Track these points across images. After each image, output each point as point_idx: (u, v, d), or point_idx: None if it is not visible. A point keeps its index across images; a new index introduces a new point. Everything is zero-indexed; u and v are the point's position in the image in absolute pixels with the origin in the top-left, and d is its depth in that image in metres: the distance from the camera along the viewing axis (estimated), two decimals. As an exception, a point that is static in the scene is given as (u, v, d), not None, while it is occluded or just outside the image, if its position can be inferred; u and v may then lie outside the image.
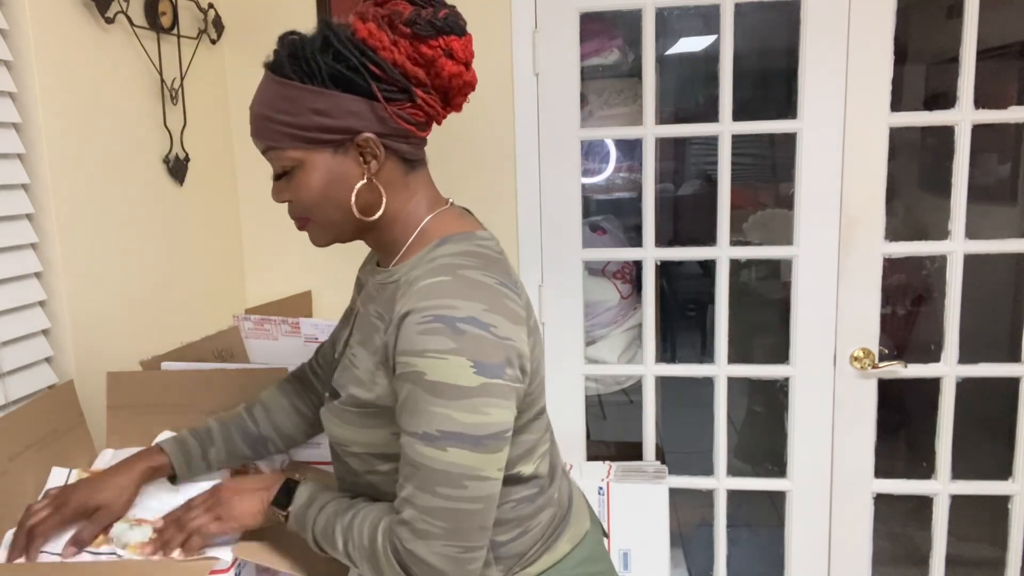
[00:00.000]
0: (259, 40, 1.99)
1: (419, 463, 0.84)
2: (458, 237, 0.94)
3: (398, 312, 0.87)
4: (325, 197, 0.92)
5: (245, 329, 1.67)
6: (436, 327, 0.82)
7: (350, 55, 0.87)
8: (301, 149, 0.90)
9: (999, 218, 3.24)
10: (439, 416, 0.82)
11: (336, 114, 0.88)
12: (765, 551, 2.68)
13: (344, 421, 0.95)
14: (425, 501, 0.84)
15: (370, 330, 0.95)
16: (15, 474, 1.17)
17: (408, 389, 0.84)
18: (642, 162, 1.91)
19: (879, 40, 1.78)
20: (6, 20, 1.32)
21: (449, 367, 0.82)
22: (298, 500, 0.98)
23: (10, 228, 1.32)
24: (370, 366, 0.92)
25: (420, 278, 0.88)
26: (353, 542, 0.90)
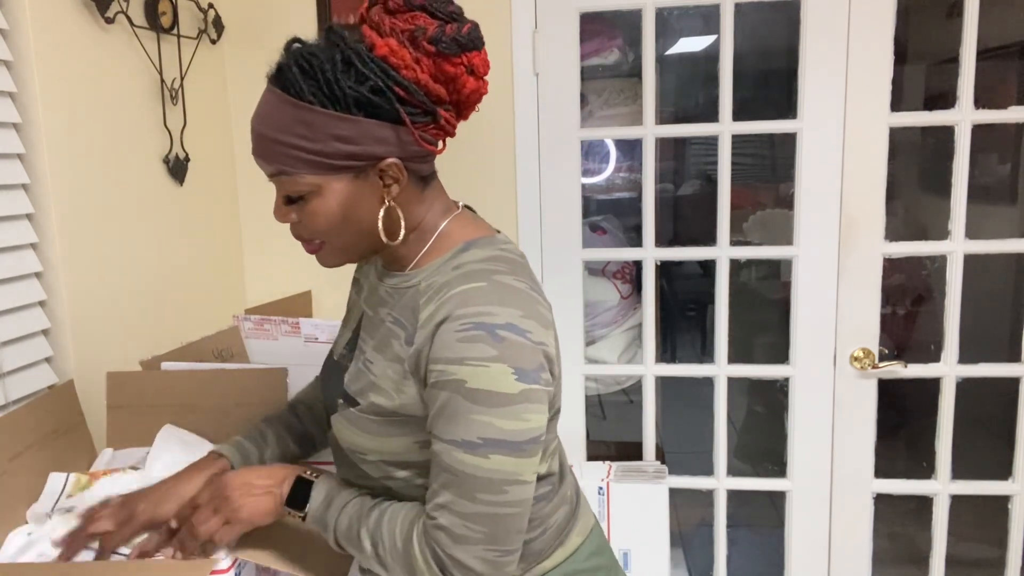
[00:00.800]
0: (259, 40, 1.99)
1: (459, 470, 0.83)
2: (482, 242, 0.92)
3: (430, 319, 0.85)
4: (344, 222, 0.88)
5: (245, 329, 1.67)
6: (477, 334, 0.81)
7: (375, 77, 0.82)
8: (317, 175, 0.85)
9: (999, 218, 3.24)
10: (481, 423, 0.81)
11: (361, 141, 0.84)
12: (765, 551, 2.68)
13: (362, 429, 0.92)
14: (465, 508, 0.83)
15: (386, 335, 0.93)
16: (15, 474, 1.17)
17: (446, 397, 0.83)
18: (642, 162, 1.91)
19: (879, 40, 1.78)
20: (6, 20, 1.32)
21: (491, 375, 0.81)
22: (315, 501, 0.95)
23: (10, 228, 1.32)
24: (392, 374, 0.90)
25: (451, 284, 0.86)
26: (383, 545, 0.88)
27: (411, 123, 0.84)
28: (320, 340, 1.65)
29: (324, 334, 1.65)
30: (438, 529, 0.85)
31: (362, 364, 0.95)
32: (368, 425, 0.92)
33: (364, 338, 0.97)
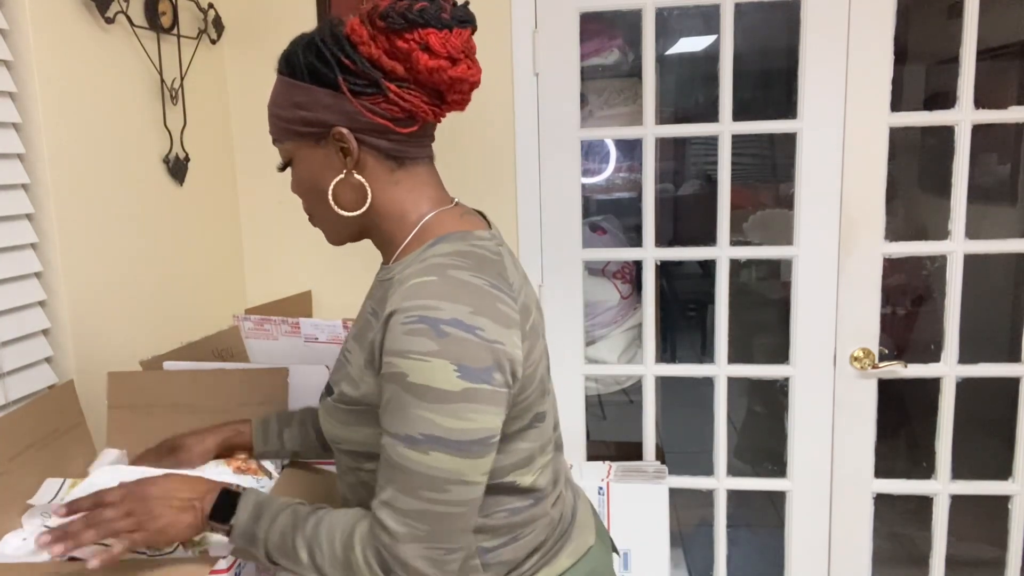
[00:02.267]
0: (259, 40, 1.99)
1: (402, 465, 0.82)
2: (454, 236, 0.92)
3: (386, 311, 0.85)
4: (313, 190, 0.94)
5: (245, 329, 1.67)
6: (419, 328, 0.80)
7: (325, 49, 0.88)
8: (292, 142, 0.93)
9: (999, 218, 3.24)
10: (422, 419, 0.81)
11: (311, 107, 0.89)
12: (765, 551, 2.68)
13: (335, 418, 0.94)
14: (407, 504, 0.82)
15: (364, 326, 0.94)
16: (15, 474, 1.17)
17: (392, 390, 0.83)
18: (642, 162, 1.91)
19: (879, 40, 1.78)
20: (6, 20, 1.32)
21: (432, 370, 0.80)
22: (242, 514, 0.91)
23: (10, 228, 1.32)
24: (361, 363, 0.91)
25: (410, 277, 0.86)
26: (322, 553, 0.86)
27: (350, 92, 0.88)
28: (320, 340, 1.65)
29: (324, 334, 1.65)
30: (382, 528, 0.83)
31: (343, 355, 0.97)
32: (339, 414, 0.93)
33: (352, 330, 0.99)
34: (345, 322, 1.63)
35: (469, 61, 0.88)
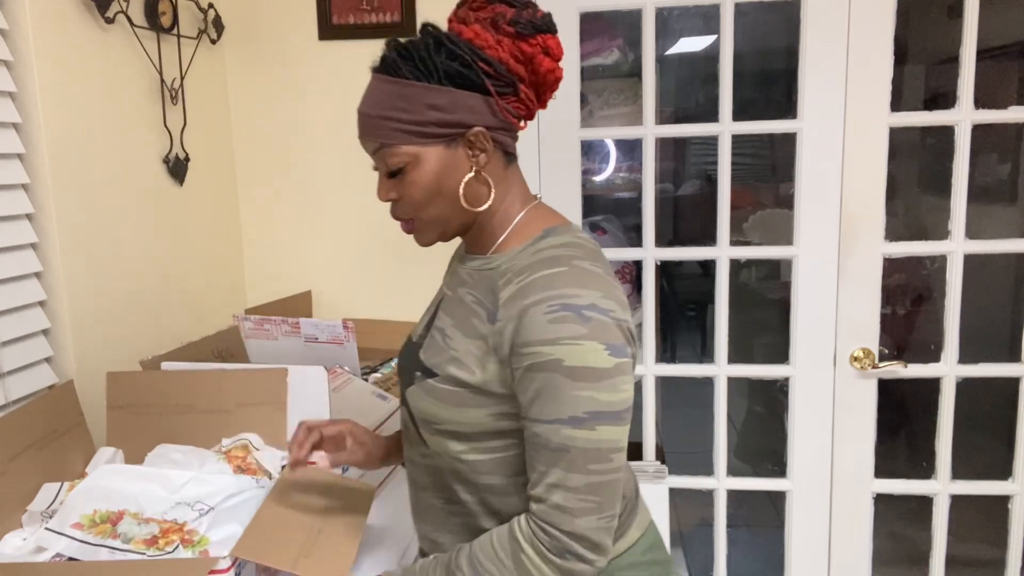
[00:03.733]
0: (259, 40, 1.99)
1: (567, 446, 0.87)
2: (560, 230, 0.99)
3: (512, 300, 0.90)
4: (437, 191, 0.96)
5: (245, 329, 1.67)
6: (565, 315, 0.86)
7: (462, 53, 0.92)
8: (416, 144, 0.94)
9: (999, 218, 3.24)
10: (584, 398, 0.86)
11: (452, 109, 0.92)
12: (765, 551, 2.68)
13: (438, 399, 0.96)
14: (578, 481, 0.87)
15: (466, 314, 0.98)
16: (15, 474, 1.17)
17: (544, 378, 0.87)
18: (642, 162, 1.91)
19: (879, 40, 1.78)
20: (6, 20, 1.32)
21: (585, 352, 0.86)
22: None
23: (10, 228, 1.32)
24: (474, 350, 0.94)
25: (532, 268, 0.92)
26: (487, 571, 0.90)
27: (496, 93, 0.94)
28: (320, 340, 1.65)
29: (324, 334, 1.64)
30: (555, 509, 0.87)
31: (440, 340, 1.00)
32: (443, 394, 0.96)
33: (442, 316, 1.02)
34: (345, 322, 1.63)
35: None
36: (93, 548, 1.06)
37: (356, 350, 1.65)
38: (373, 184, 2.02)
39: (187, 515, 1.12)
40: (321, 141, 2.02)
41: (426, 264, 2.03)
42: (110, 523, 1.10)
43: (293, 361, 1.60)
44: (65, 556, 1.06)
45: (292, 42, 1.98)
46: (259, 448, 1.30)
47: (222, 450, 1.29)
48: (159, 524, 1.09)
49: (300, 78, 2.00)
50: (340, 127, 2.01)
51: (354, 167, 2.03)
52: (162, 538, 1.08)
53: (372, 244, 2.06)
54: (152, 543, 1.06)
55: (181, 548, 1.06)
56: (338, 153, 2.03)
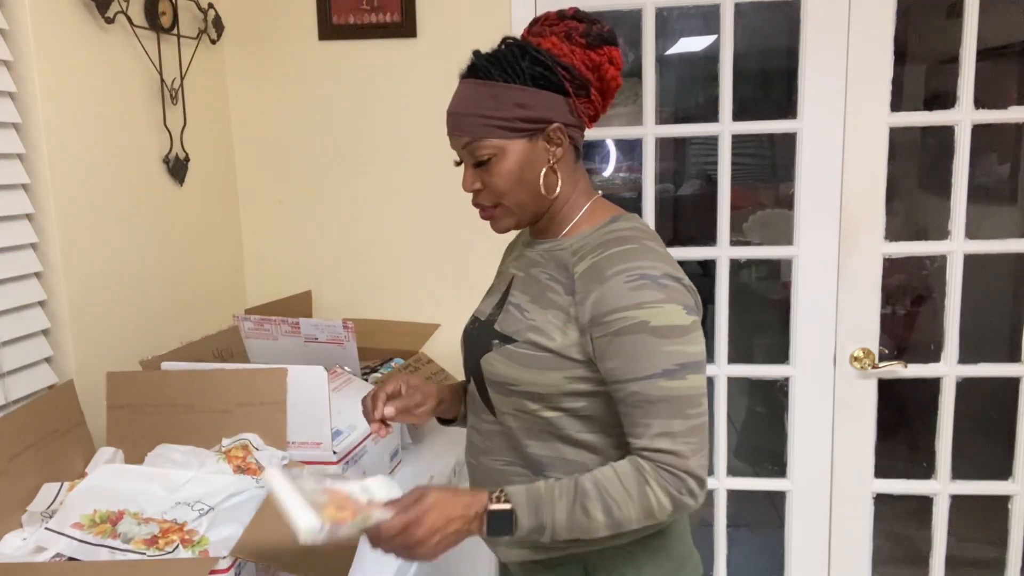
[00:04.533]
0: (259, 40, 1.99)
1: (666, 396, 0.98)
2: (625, 216, 1.12)
3: (589, 272, 1.02)
4: (520, 180, 1.07)
5: (245, 329, 1.67)
6: (644, 283, 0.99)
7: (544, 59, 1.05)
8: (503, 138, 1.05)
9: (999, 218, 3.24)
10: (674, 352, 0.98)
11: (536, 107, 1.05)
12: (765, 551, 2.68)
13: (517, 362, 1.06)
14: (681, 426, 0.98)
15: (541, 289, 1.09)
16: (15, 474, 1.17)
17: (632, 340, 0.98)
18: (642, 162, 1.91)
19: (879, 40, 1.78)
20: (6, 20, 1.32)
21: (667, 313, 0.98)
22: (524, 522, 0.98)
23: (10, 228, 1.32)
24: (553, 319, 1.05)
25: (607, 245, 1.04)
26: (619, 505, 0.97)
27: (574, 94, 1.07)
28: (320, 340, 1.65)
29: (324, 334, 1.64)
30: (667, 454, 0.97)
31: (518, 312, 1.10)
32: (524, 359, 1.06)
33: (516, 294, 1.13)
34: (345, 322, 1.63)
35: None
36: (93, 548, 1.06)
37: (356, 350, 1.65)
38: (372, 185, 2.02)
39: (187, 515, 1.12)
40: (321, 141, 2.02)
41: (426, 264, 2.03)
42: (110, 523, 1.10)
43: (293, 361, 1.60)
44: (65, 556, 1.06)
45: (292, 42, 1.98)
46: (259, 448, 1.30)
47: (222, 450, 1.29)
48: (159, 524, 1.09)
49: (300, 78, 2.00)
50: (340, 127, 2.01)
51: (354, 167, 2.03)
52: (162, 538, 1.08)
53: (372, 244, 2.05)
54: (152, 543, 1.06)
55: (181, 548, 1.06)
56: (338, 153, 2.02)
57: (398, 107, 1.98)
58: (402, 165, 2.01)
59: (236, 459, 1.26)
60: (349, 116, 2.01)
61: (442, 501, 0.96)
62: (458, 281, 2.03)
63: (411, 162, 2.00)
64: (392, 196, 2.03)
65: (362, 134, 2.01)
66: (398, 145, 2.00)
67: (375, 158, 2.02)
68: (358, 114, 2.00)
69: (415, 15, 1.92)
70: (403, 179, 2.01)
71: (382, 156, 2.01)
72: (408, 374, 1.25)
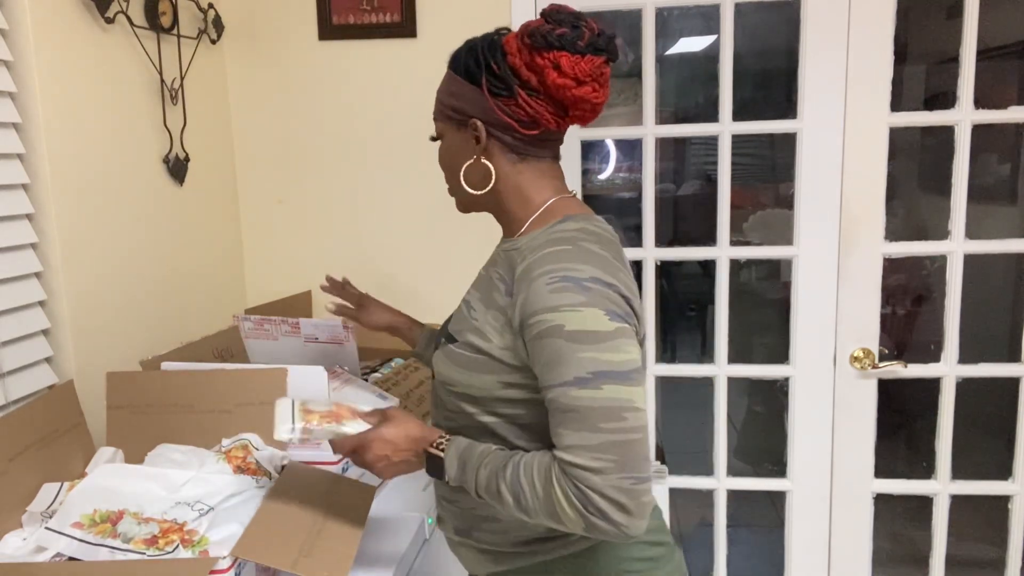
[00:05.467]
0: (259, 40, 1.99)
1: (577, 407, 0.91)
2: (579, 217, 1.06)
3: (524, 274, 0.98)
4: (449, 166, 1.12)
5: (245, 329, 1.67)
6: (565, 285, 0.94)
7: (479, 53, 1.05)
8: (442, 122, 1.11)
9: (999, 218, 3.24)
10: (587, 360, 0.91)
11: (460, 98, 1.06)
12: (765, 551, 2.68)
13: (455, 362, 1.06)
14: (591, 440, 0.90)
15: (489, 288, 1.07)
16: (15, 474, 1.17)
17: (550, 343, 0.93)
18: (642, 162, 1.91)
19: (879, 40, 1.78)
20: (6, 20, 1.32)
21: (585, 317, 0.92)
22: (450, 471, 1.03)
23: (10, 228, 1.32)
24: (492, 321, 1.03)
25: (543, 246, 1.00)
26: (525, 496, 0.96)
27: (488, 91, 1.04)
28: (320, 340, 1.65)
29: (324, 334, 1.64)
30: (573, 467, 0.91)
31: (466, 310, 1.09)
32: (461, 359, 1.05)
33: (471, 291, 1.12)
34: (345, 322, 1.63)
35: (596, 84, 1.02)
36: (93, 548, 1.06)
37: (356, 350, 1.65)
38: (372, 185, 2.03)
39: (187, 515, 1.12)
40: (321, 141, 2.02)
41: (425, 264, 2.03)
42: (110, 523, 1.10)
43: (293, 361, 1.60)
44: (65, 556, 1.06)
45: (292, 42, 1.98)
46: (259, 448, 1.30)
47: (222, 450, 1.29)
48: (159, 524, 1.09)
49: (300, 78, 2.00)
50: (340, 127, 2.01)
51: (354, 167, 2.03)
52: (162, 538, 1.08)
53: (372, 244, 2.06)
54: (152, 543, 1.06)
55: (181, 548, 1.06)
56: (338, 153, 2.03)
57: (398, 107, 1.98)
58: (402, 165, 2.01)
59: (236, 459, 1.26)
60: (349, 116, 2.01)
61: (396, 433, 1.05)
62: (458, 281, 2.03)
63: (411, 162, 2.00)
64: (392, 196, 2.03)
65: (362, 134, 2.01)
66: (398, 145, 2.00)
67: (375, 158, 2.02)
68: (358, 114, 2.00)
69: (415, 15, 1.92)
70: (403, 179, 2.01)
71: (382, 156, 2.01)
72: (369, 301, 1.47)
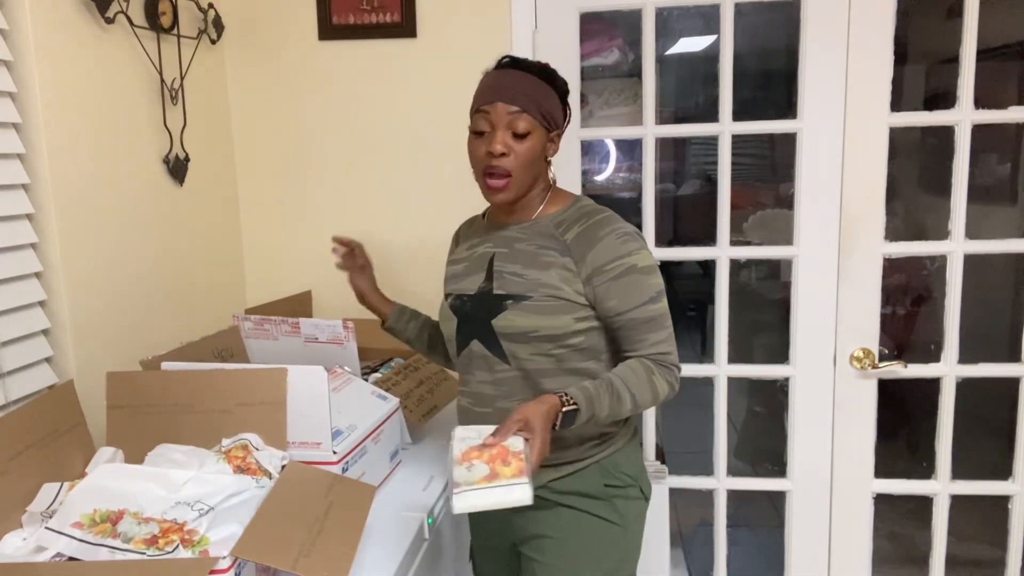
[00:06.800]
0: (259, 40, 1.99)
1: (655, 316, 1.32)
2: (584, 197, 1.44)
3: (583, 236, 1.32)
4: (532, 161, 1.33)
5: (245, 329, 1.67)
6: (629, 236, 1.33)
7: (564, 82, 1.40)
8: (540, 123, 1.33)
9: (999, 218, 3.24)
10: (654, 283, 1.32)
11: (556, 113, 1.36)
12: (765, 551, 2.68)
13: (536, 312, 1.31)
14: (667, 335, 1.33)
15: (532, 256, 1.35)
16: (15, 474, 1.17)
17: (627, 279, 1.30)
18: (642, 162, 1.91)
19: (879, 40, 1.78)
20: (6, 20, 1.32)
21: (645, 256, 1.33)
22: (583, 418, 1.24)
23: (10, 228, 1.32)
24: (554, 275, 1.32)
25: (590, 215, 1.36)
26: (639, 392, 1.28)
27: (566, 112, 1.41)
28: (320, 340, 1.65)
29: (324, 334, 1.64)
30: (666, 355, 1.32)
31: (515, 277, 1.35)
32: (543, 308, 1.31)
33: (505, 265, 1.38)
34: (345, 322, 1.63)
35: None
36: (93, 547, 1.06)
37: (356, 350, 1.65)
38: (372, 185, 2.02)
39: (187, 515, 1.12)
40: (321, 141, 2.02)
41: (425, 264, 2.03)
42: (110, 522, 1.10)
43: (293, 361, 1.60)
44: (65, 556, 1.06)
45: (292, 42, 1.98)
46: (259, 448, 1.30)
47: (222, 450, 1.29)
48: (159, 524, 1.09)
49: (300, 78, 2.00)
50: (340, 127, 2.01)
51: (354, 167, 2.03)
52: (162, 538, 1.08)
53: (372, 244, 2.05)
54: (152, 543, 1.06)
55: (181, 548, 1.06)
56: (338, 153, 2.03)
57: (398, 107, 1.98)
58: (402, 165, 2.01)
59: (236, 459, 1.26)
60: (349, 116, 2.01)
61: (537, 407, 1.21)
62: (458, 281, 2.03)
63: (411, 162, 2.00)
64: (392, 195, 2.03)
65: (362, 134, 2.01)
66: (398, 145, 2.00)
67: (375, 158, 2.02)
68: (358, 114, 2.00)
69: (415, 15, 1.92)
70: (403, 179, 2.01)
71: (382, 156, 2.01)
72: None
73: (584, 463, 1.39)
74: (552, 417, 1.22)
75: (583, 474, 1.39)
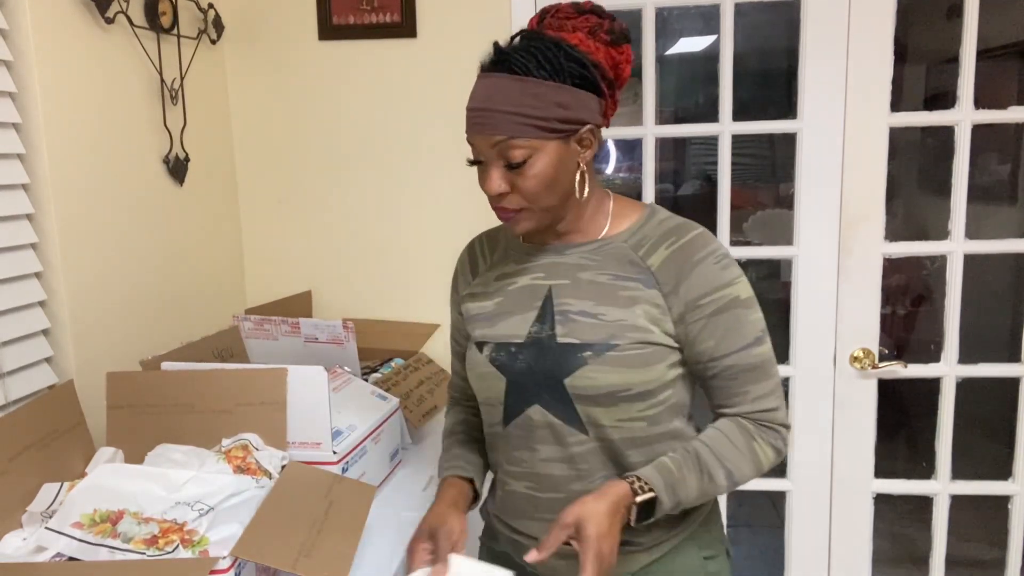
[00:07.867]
0: (259, 40, 1.99)
1: (759, 362, 1.06)
2: (655, 206, 1.15)
3: (672, 263, 1.05)
4: (552, 183, 1.02)
5: (245, 329, 1.67)
6: (728, 261, 1.07)
7: (579, 56, 1.00)
8: (539, 138, 1.00)
9: (999, 218, 3.24)
10: (757, 320, 1.06)
11: (575, 107, 1.00)
12: (765, 551, 2.68)
13: (627, 364, 1.03)
14: (774, 385, 1.07)
15: (606, 290, 1.07)
16: (15, 474, 1.17)
17: (729, 315, 1.04)
18: (642, 162, 1.91)
19: (879, 40, 1.78)
20: (6, 20, 1.32)
21: (746, 285, 1.07)
22: (667, 503, 1.01)
23: (10, 228, 1.32)
24: (640, 314, 1.04)
25: (675, 233, 1.08)
26: (735, 465, 1.04)
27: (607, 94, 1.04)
28: (320, 340, 1.65)
29: (324, 334, 1.64)
30: (768, 412, 1.06)
31: (587, 319, 1.06)
32: (634, 359, 1.03)
33: (569, 302, 1.08)
34: (345, 322, 1.63)
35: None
36: (93, 548, 1.06)
37: (356, 350, 1.65)
38: (372, 185, 2.02)
39: (187, 515, 1.12)
40: (321, 141, 2.02)
41: (426, 264, 2.03)
42: (110, 522, 1.10)
43: (293, 361, 1.60)
44: (65, 556, 1.06)
45: (292, 42, 1.98)
46: (259, 448, 1.30)
47: (222, 450, 1.29)
48: (159, 524, 1.09)
49: (300, 78, 2.00)
50: (340, 127, 2.01)
51: (354, 167, 2.03)
52: (162, 538, 1.08)
53: (372, 244, 2.06)
54: (152, 543, 1.06)
55: (181, 548, 1.06)
56: (338, 153, 2.02)
57: (398, 107, 1.98)
58: (402, 165, 2.01)
59: (236, 459, 1.26)
60: (349, 116, 2.01)
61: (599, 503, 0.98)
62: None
63: (411, 162, 2.00)
64: (392, 196, 2.03)
65: (362, 134, 2.01)
66: (398, 145, 2.00)
67: (375, 158, 2.02)
68: (358, 114, 2.00)
69: (415, 15, 1.92)
70: (403, 179, 2.01)
71: (382, 156, 2.01)
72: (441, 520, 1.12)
73: (679, 537, 1.12)
74: (620, 514, 0.98)
75: (680, 550, 1.12)
